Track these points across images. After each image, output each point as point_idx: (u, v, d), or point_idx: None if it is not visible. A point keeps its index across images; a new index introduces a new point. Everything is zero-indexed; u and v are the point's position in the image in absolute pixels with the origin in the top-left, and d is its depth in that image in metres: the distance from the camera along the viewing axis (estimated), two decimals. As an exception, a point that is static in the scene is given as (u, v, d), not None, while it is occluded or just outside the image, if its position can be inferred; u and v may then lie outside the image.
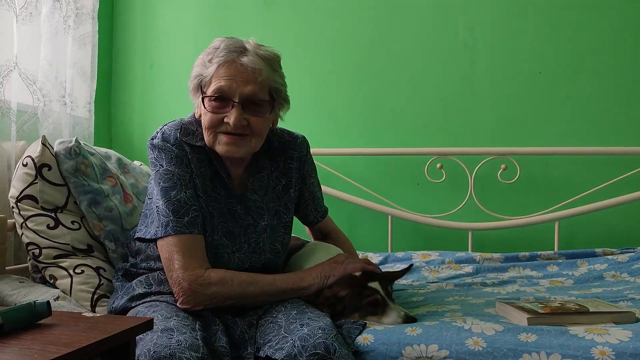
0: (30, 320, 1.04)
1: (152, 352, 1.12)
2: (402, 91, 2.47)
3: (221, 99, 1.40)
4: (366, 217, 2.46)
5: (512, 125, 2.38)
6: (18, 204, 1.63)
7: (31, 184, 1.63)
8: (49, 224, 1.62)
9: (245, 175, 1.51)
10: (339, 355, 1.19)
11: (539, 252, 2.11)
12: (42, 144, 1.66)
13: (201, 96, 1.43)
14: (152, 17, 2.67)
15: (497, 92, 2.39)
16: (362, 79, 2.50)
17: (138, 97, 2.66)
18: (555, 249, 2.23)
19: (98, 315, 1.17)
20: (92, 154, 1.77)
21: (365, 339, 1.31)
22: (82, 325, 1.06)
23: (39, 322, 1.06)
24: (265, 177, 1.53)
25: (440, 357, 1.26)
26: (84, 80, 2.30)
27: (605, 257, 2.05)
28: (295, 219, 1.66)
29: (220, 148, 1.42)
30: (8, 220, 1.66)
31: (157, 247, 1.42)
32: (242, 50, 1.42)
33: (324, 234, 1.77)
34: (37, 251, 1.61)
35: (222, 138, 1.41)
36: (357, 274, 1.49)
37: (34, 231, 1.61)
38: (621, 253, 2.06)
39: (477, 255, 2.12)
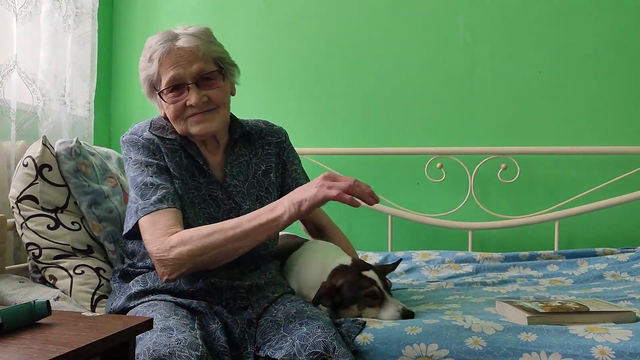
0: (30, 319, 1.04)
1: (151, 351, 1.12)
2: (402, 90, 2.47)
3: (176, 88, 1.44)
4: (366, 216, 2.46)
5: (512, 125, 2.38)
6: (18, 204, 1.63)
7: (31, 184, 1.63)
8: (49, 225, 1.62)
9: (223, 163, 1.53)
10: (338, 354, 1.19)
11: (539, 252, 2.11)
12: (42, 144, 1.66)
13: (157, 94, 1.47)
14: (152, 16, 2.67)
15: (497, 91, 2.39)
16: (362, 78, 2.50)
17: (138, 96, 2.65)
18: (556, 249, 2.23)
19: (98, 314, 1.17)
20: (93, 154, 1.77)
21: (364, 338, 1.31)
22: (82, 324, 1.06)
23: (39, 321, 1.06)
24: (245, 164, 1.56)
25: (440, 356, 1.26)
26: (83, 80, 2.30)
27: (605, 256, 2.05)
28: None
29: (194, 129, 1.45)
30: (8, 220, 1.66)
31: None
32: (174, 36, 1.46)
33: (319, 228, 1.77)
34: (37, 251, 1.61)
35: (192, 120, 1.45)
36: (349, 263, 1.50)
37: (34, 231, 1.61)
38: (621, 252, 2.06)
39: (477, 255, 2.12)
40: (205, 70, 1.45)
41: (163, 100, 1.47)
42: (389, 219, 2.39)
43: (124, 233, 1.49)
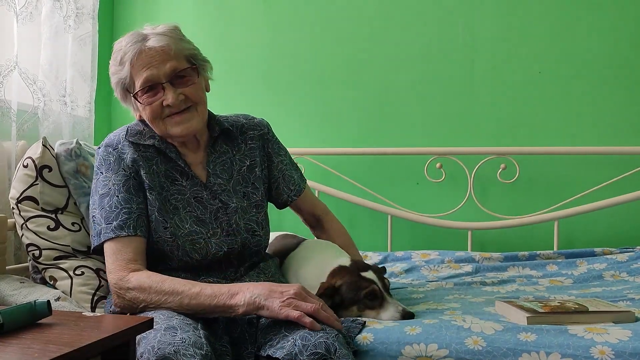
0: (30, 319, 1.04)
1: (156, 349, 1.12)
2: (402, 90, 2.47)
3: (151, 88, 1.43)
4: (366, 216, 2.46)
5: (512, 125, 2.38)
6: (18, 205, 1.63)
7: (32, 185, 1.63)
8: (49, 225, 1.62)
9: (205, 162, 1.52)
10: (339, 354, 1.18)
11: (538, 252, 2.12)
12: (42, 145, 1.66)
13: (132, 97, 1.46)
14: (152, 16, 2.67)
15: (497, 91, 2.40)
16: (362, 78, 2.51)
17: (138, 97, 2.66)
18: (555, 249, 2.23)
19: (98, 314, 1.17)
20: (93, 155, 1.77)
21: (365, 338, 1.32)
22: (83, 324, 1.06)
23: (40, 321, 1.06)
24: (228, 161, 1.54)
25: (439, 356, 1.26)
26: (84, 80, 2.30)
27: (605, 256, 2.05)
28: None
29: (174, 130, 1.44)
30: (8, 220, 1.66)
31: None
32: (143, 37, 1.44)
33: (316, 218, 1.75)
34: (37, 252, 1.61)
35: (170, 121, 1.44)
36: (348, 264, 1.50)
37: (34, 232, 1.61)
38: (620, 252, 2.06)
39: (477, 255, 2.13)
40: (179, 68, 1.43)
41: (139, 102, 1.45)
42: (389, 218, 2.39)
43: (92, 248, 1.48)
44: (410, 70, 2.46)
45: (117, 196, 1.42)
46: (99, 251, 1.45)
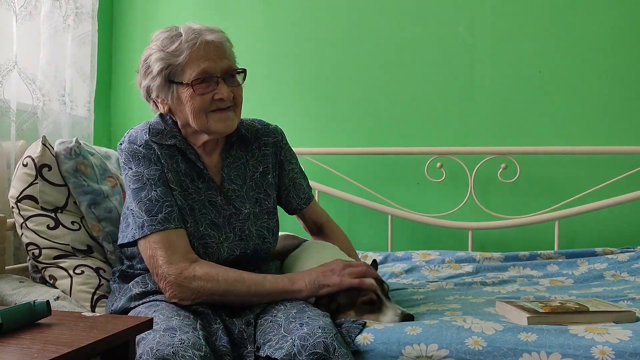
0: (29, 319, 1.04)
1: (155, 351, 1.12)
2: (402, 90, 2.47)
3: (205, 80, 1.43)
4: (366, 216, 2.45)
5: (512, 125, 2.38)
6: (18, 204, 1.63)
7: (31, 184, 1.63)
8: (49, 224, 1.62)
9: (220, 166, 1.52)
10: (338, 354, 1.19)
11: (539, 252, 2.11)
12: (42, 144, 1.66)
13: (176, 85, 1.44)
14: (152, 16, 2.67)
15: (497, 91, 2.39)
16: (363, 78, 2.50)
17: (137, 96, 2.64)
18: (555, 249, 2.23)
19: (98, 314, 1.17)
20: (92, 154, 1.77)
21: (365, 338, 1.31)
22: (82, 324, 1.06)
23: (39, 321, 1.06)
24: (242, 166, 1.55)
25: (440, 356, 1.26)
26: (83, 80, 2.29)
27: (605, 256, 2.05)
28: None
29: (217, 126, 1.45)
30: (7, 220, 1.66)
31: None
32: (198, 31, 1.45)
33: (318, 226, 1.76)
34: (37, 251, 1.61)
35: (215, 116, 1.44)
36: None
37: (34, 231, 1.61)
38: (621, 252, 2.06)
39: (477, 255, 2.12)
40: (232, 68, 1.47)
41: (193, 90, 1.42)
42: (389, 218, 2.39)
43: (119, 242, 1.48)
44: (411, 70, 2.46)
45: (156, 190, 1.42)
46: (125, 245, 1.46)
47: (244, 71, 1.49)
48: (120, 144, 1.50)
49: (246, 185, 1.54)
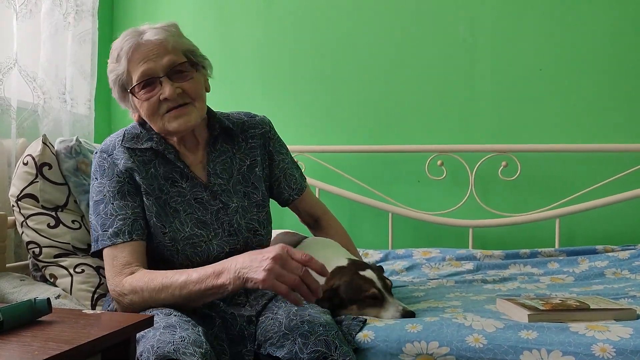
0: (30, 317, 1.04)
1: (155, 349, 1.11)
2: (403, 88, 2.47)
3: (148, 83, 1.40)
4: (367, 214, 2.46)
5: (513, 122, 2.37)
6: (18, 202, 1.63)
7: (32, 182, 1.63)
8: (49, 223, 1.62)
9: (205, 161, 1.49)
10: (340, 352, 1.18)
11: (539, 249, 2.11)
12: (42, 142, 1.66)
13: (129, 94, 1.43)
14: (152, 14, 2.67)
15: (498, 89, 2.39)
16: (363, 76, 2.50)
17: (138, 94, 2.65)
18: (556, 246, 2.23)
19: (98, 312, 1.17)
20: (93, 152, 1.76)
21: (365, 335, 1.31)
22: (83, 322, 1.06)
23: (40, 319, 1.06)
24: (228, 160, 1.52)
25: (440, 354, 1.26)
26: (84, 78, 2.29)
27: (606, 254, 2.05)
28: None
29: (172, 125, 1.41)
30: (8, 218, 1.66)
31: None
32: (140, 32, 1.42)
33: (315, 219, 1.74)
34: (37, 250, 1.61)
35: (168, 116, 1.41)
36: (344, 264, 1.49)
37: (35, 230, 1.61)
38: (622, 250, 2.06)
39: (478, 253, 2.12)
40: (177, 62, 1.41)
41: (136, 98, 1.42)
42: (390, 216, 2.39)
43: (90, 253, 1.48)
44: (412, 68, 2.46)
45: (112, 203, 1.40)
46: (101, 256, 1.44)
47: (193, 62, 1.44)
48: (95, 152, 1.49)
49: (233, 179, 1.50)
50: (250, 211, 1.50)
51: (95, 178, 1.44)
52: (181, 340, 1.13)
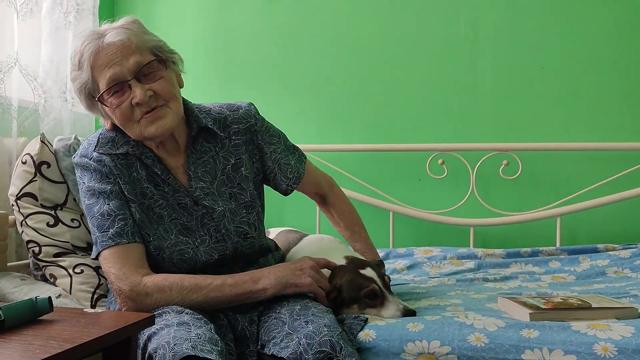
0: (31, 316, 1.04)
1: (172, 345, 1.08)
2: (404, 87, 2.46)
3: (116, 88, 1.31)
4: (367, 213, 2.44)
5: (514, 121, 2.37)
6: (18, 201, 1.63)
7: (30, 181, 1.63)
8: (48, 222, 1.62)
9: (186, 165, 1.42)
10: (345, 353, 1.17)
11: (540, 248, 2.11)
12: (40, 141, 1.66)
13: (98, 101, 1.35)
14: (152, 13, 2.66)
15: (499, 87, 2.39)
16: (364, 74, 2.50)
17: (139, 93, 2.65)
18: (557, 245, 2.23)
19: (99, 311, 1.17)
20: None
21: (366, 335, 1.31)
22: (84, 321, 1.06)
23: (41, 318, 1.06)
24: (210, 161, 1.44)
25: (442, 353, 1.26)
26: (84, 77, 2.29)
27: (608, 253, 2.04)
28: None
29: (149, 131, 1.33)
30: (9, 217, 1.66)
31: None
32: (100, 34, 1.34)
33: (321, 196, 1.70)
34: (37, 249, 1.60)
35: (144, 122, 1.33)
36: (344, 263, 1.49)
37: (34, 229, 1.61)
38: (623, 249, 2.05)
39: (479, 251, 2.12)
40: (143, 62, 1.32)
41: (106, 106, 1.33)
42: (391, 215, 2.38)
43: (92, 257, 1.41)
44: (413, 67, 2.45)
45: (108, 204, 1.35)
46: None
47: (161, 59, 1.35)
48: (74, 157, 1.43)
49: (217, 180, 1.43)
50: (239, 214, 1.43)
51: (83, 182, 1.39)
52: (197, 338, 1.11)
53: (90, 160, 1.38)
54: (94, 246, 1.38)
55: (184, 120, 1.42)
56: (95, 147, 1.39)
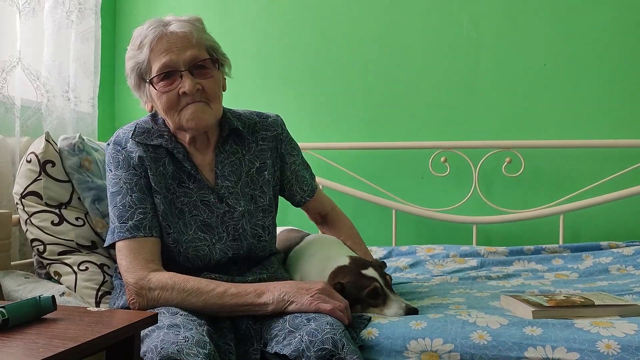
0: (35, 314, 1.05)
1: (159, 349, 1.11)
2: (406, 84, 2.46)
3: (168, 75, 1.38)
4: (370, 211, 2.45)
5: (517, 119, 2.37)
6: (22, 200, 1.63)
7: (35, 180, 1.63)
8: (53, 220, 1.62)
9: (213, 163, 1.47)
10: (347, 350, 1.18)
11: (544, 246, 2.11)
12: (45, 140, 1.66)
13: (147, 84, 1.41)
14: (155, 11, 2.66)
15: (502, 85, 2.38)
16: (366, 72, 2.50)
17: (141, 92, 2.65)
18: (560, 242, 2.23)
19: (103, 309, 1.17)
20: (96, 150, 1.77)
21: (369, 333, 1.31)
22: (87, 319, 1.06)
23: (44, 316, 1.07)
24: (237, 162, 1.49)
25: (445, 351, 1.26)
26: (87, 76, 2.29)
27: (611, 250, 2.04)
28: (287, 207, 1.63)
29: (188, 123, 1.39)
30: (13, 216, 1.66)
31: None
32: (165, 23, 1.41)
33: (322, 216, 1.74)
34: (41, 247, 1.61)
35: (186, 112, 1.39)
36: (346, 262, 1.49)
37: (38, 227, 1.61)
38: (626, 246, 2.05)
39: (482, 249, 2.12)
40: (199, 57, 1.40)
41: (155, 89, 1.39)
42: (393, 213, 2.38)
43: (104, 245, 1.47)
44: (415, 64, 2.45)
45: (131, 195, 1.39)
46: (111, 246, 1.44)
47: (217, 60, 1.43)
48: (108, 144, 1.48)
49: (241, 181, 1.48)
50: (256, 216, 1.48)
51: (110, 170, 1.44)
52: (185, 341, 1.12)
53: (122, 149, 1.43)
54: (109, 234, 1.42)
55: (218, 120, 1.47)
56: (132, 135, 1.44)
